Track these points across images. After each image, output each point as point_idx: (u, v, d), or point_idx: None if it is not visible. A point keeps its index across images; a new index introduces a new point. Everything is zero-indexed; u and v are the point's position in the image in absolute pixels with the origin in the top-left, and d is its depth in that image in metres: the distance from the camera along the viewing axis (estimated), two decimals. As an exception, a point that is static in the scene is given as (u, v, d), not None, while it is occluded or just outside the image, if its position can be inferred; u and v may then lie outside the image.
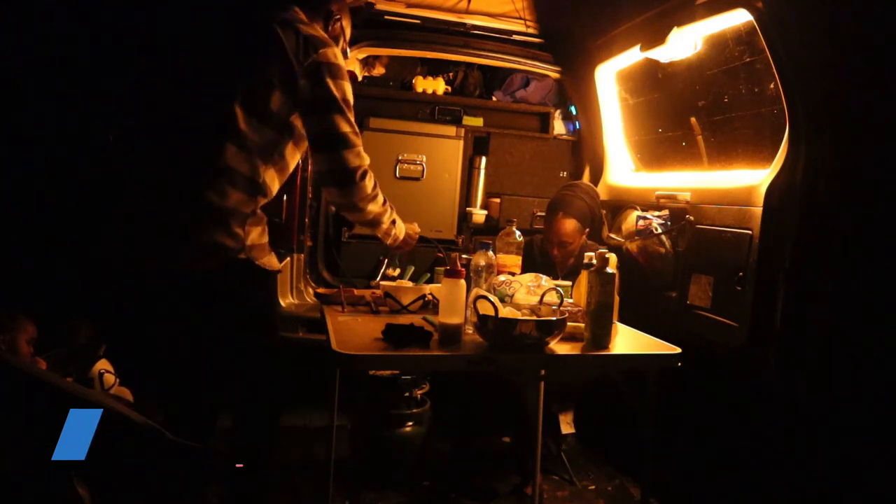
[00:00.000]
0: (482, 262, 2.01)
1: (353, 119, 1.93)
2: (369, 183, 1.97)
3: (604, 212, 3.25)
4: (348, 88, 1.92)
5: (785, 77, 2.08)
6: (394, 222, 2.17)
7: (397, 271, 2.53)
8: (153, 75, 2.09)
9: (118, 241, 1.90)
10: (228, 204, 1.80)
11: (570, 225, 2.75)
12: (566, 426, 3.15)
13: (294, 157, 1.97)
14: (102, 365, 2.63)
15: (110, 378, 2.60)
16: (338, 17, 2.09)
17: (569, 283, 2.21)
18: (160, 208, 1.83)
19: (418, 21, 3.39)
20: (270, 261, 1.93)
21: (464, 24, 3.43)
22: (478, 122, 3.72)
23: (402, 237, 2.24)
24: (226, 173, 1.80)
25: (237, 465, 1.90)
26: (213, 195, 1.78)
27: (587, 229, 2.82)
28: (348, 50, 2.20)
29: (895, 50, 1.94)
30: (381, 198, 2.06)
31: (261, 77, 1.83)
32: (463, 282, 1.82)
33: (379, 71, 3.73)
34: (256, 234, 1.88)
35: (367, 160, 1.97)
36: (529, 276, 2.11)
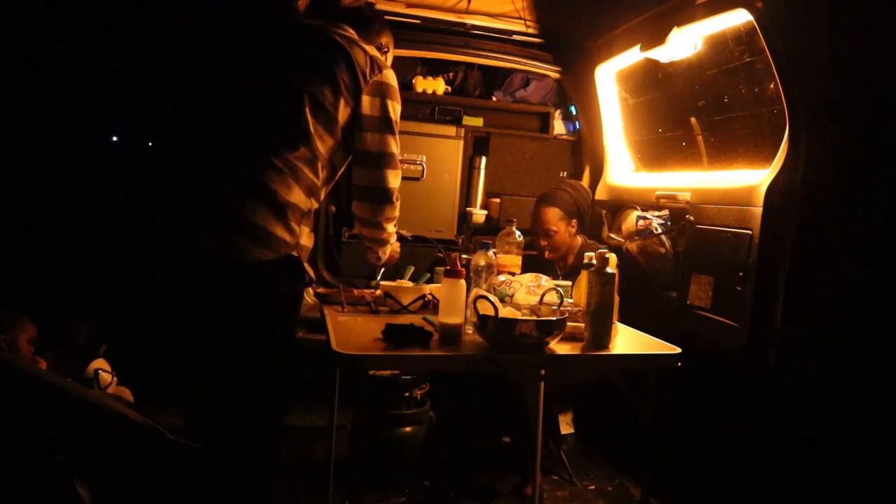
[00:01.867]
0: (482, 262, 2.01)
1: (398, 142, 2.03)
2: (398, 205, 2.09)
3: (604, 212, 3.25)
4: (399, 112, 2.03)
5: (785, 77, 2.08)
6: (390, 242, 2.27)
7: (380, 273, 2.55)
8: (225, 82, 2.13)
9: (186, 230, 1.93)
10: (292, 199, 1.85)
11: (550, 213, 2.82)
12: (565, 426, 3.15)
13: (340, 167, 2.06)
14: (98, 364, 2.62)
15: (106, 377, 2.60)
16: (386, 50, 2.21)
17: (569, 283, 2.21)
18: (227, 198, 1.85)
19: (418, 21, 3.38)
20: (309, 268, 1.98)
21: (464, 24, 3.43)
22: (478, 122, 3.72)
23: (386, 256, 2.33)
24: (293, 170, 1.86)
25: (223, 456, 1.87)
26: (281, 188, 1.84)
27: (574, 220, 2.84)
28: None
29: (895, 50, 1.94)
30: (396, 222, 2.16)
31: (332, 86, 1.90)
32: (463, 282, 1.82)
33: (379, 71, 3.73)
34: (307, 236, 1.93)
35: (399, 183, 2.07)
36: (529, 276, 2.11)
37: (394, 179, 2.04)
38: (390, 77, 2.01)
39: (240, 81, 2.04)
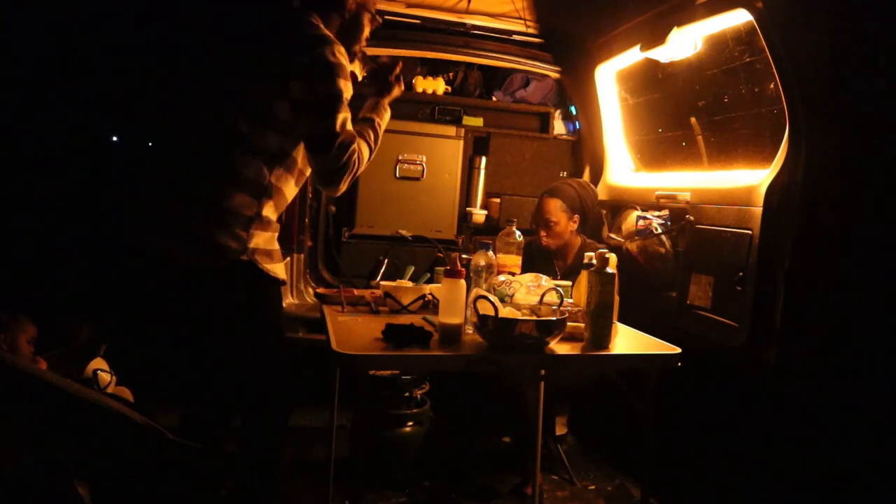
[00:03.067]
0: (482, 262, 2.00)
1: (345, 115, 1.87)
2: (339, 152, 1.86)
3: (604, 212, 3.25)
4: (345, 86, 1.85)
5: (785, 77, 2.08)
6: (377, 134, 2.07)
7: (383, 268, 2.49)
8: (167, 81, 2.14)
9: (130, 240, 1.94)
10: (230, 205, 1.81)
11: (552, 203, 2.82)
12: (560, 427, 3.16)
13: (299, 158, 1.96)
14: (97, 364, 2.62)
15: (105, 377, 2.59)
16: (355, 9, 2.02)
17: (569, 283, 2.21)
18: (169, 208, 1.87)
19: (418, 21, 3.38)
20: (274, 269, 1.91)
21: (464, 24, 3.43)
22: (478, 122, 3.72)
23: (387, 119, 2.14)
24: (228, 175, 1.82)
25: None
26: (217, 196, 1.81)
27: (576, 216, 2.83)
28: (358, 54, 2.14)
29: (895, 50, 1.94)
30: (362, 144, 1.95)
31: (260, 80, 1.84)
32: (463, 282, 1.82)
33: (379, 71, 3.73)
34: (263, 240, 1.89)
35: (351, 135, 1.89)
36: (529, 276, 2.11)
37: (342, 153, 1.86)
38: (327, 52, 1.81)
39: (192, 83, 2.05)
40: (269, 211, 1.90)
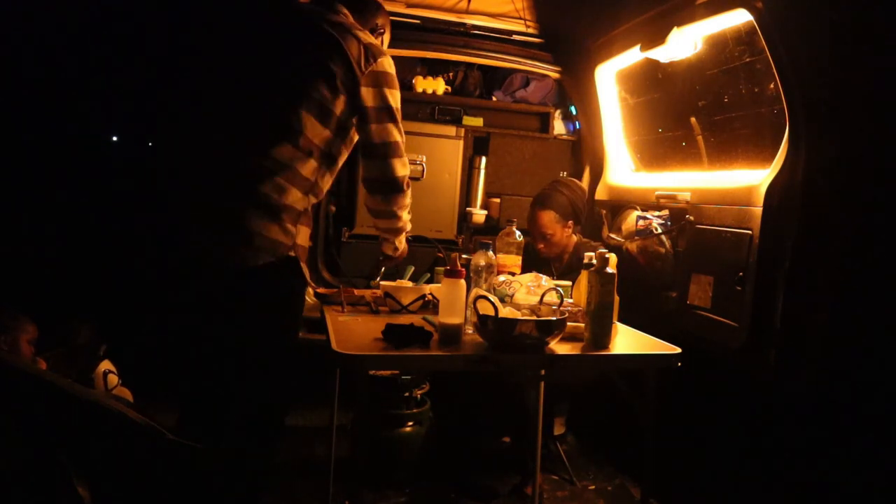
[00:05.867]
0: (482, 262, 2.00)
1: (402, 129, 2.00)
2: (409, 192, 2.06)
3: (604, 212, 3.25)
4: (399, 98, 1.99)
5: (785, 77, 2.08)
6: (404, 238, 2.24)
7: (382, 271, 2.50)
8: (216, 78, 2.11)
9: (177, 237, 1.92)
10: (286, 200, 1.83)
11: (545, 216, 2.81)
12: (560, 427, 3.16)
13: (343, 157, 2.02)
14: (106, 365, 2.63)
15: (114, 378, 2.61)
16: (382, 31, 2.16)
17: (569, 283, 2.21)
18: (221, 203, 1.84)
19: (418, 21, 3.38)
20: (306, 269, 1.94)
21: (464, 24, 3.43)
22: (478, 122, 3.72)
23: (402, 247, 2.29)
24: (287, 171, 1.83)
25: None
26: (274, 190, 1.81)
27: (570, 221, 2.83)
28: None
29: (895, 49, 1.94)
30: (409, 209, 2.12)
31: (326, 81, 1.86)
32: (463, 282, 1.82)
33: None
34: (304, 236, 1.91)
35: (409, 170, 2.05)
36: (529, 276, 2.11)
37: (401, 168, 2.00)
38: (387, 64, 1.95)
39: (232, 79, 2.00)
40: (310, 206, 1.94)
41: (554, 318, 1.78)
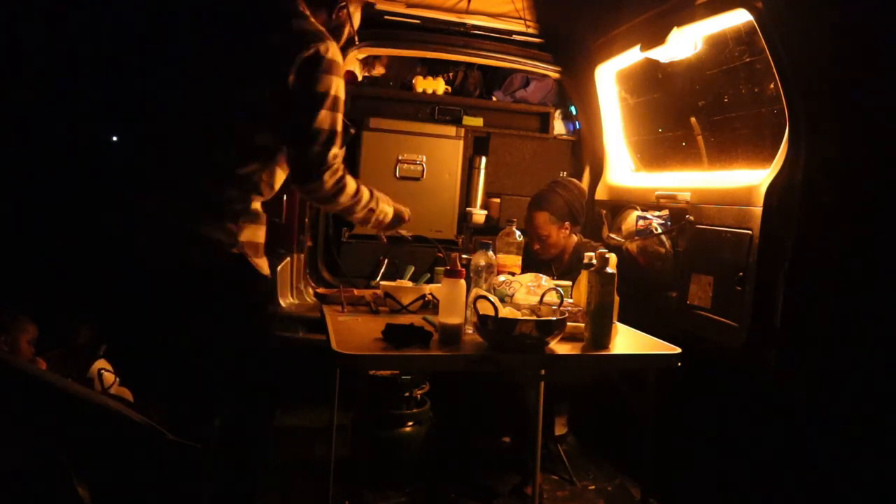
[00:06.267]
0: (482, 262, 2.00)
1: (338, 117, 1.87)
2: (330, 179, 1.87)
3: (604, 212, 3.25)
4: (339, 85, 1.85)
5: (785, 77, 2.08)
6: (371, 210, 2.07)
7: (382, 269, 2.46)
8: (158, 74, 2.11)
9: (121, 238, 1.93)
10: (224, 199, 1.81)
11: (540, 217, 2.81)
12: (560, 427, 3.16)
13: (283, 152, 1.92)
14: (101, 364, 2.63)
15: (109, 377, 2.60)
16: (343, 3, 2.01)
17: (569, 283, 2.21)
18: (159, 203, 1.85)
19: (418, 21, 3.39)
20: (261, 263, 1.90)
21: (464, 24, 3.43)
22: (478, 122, 3.72)
23: (388, 219, 2.14)
24: (220, 170, 1.81)
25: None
26: (211, 189, 1.80)
27: (566, 222, 2.83)
28: (356, 38, 2.15)
29: (895, 49, 1.94)
30: (349, 189, 1.95)
31: (253, 76, 1.82)
32: (463, 282, 1.82)
33: (379, 71, 3.73)
34: (250, 232, 1.87)
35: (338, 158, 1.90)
36: (529, 276, 2.11)
37: (327, 152, 1.84)
38: (322, 49, 1.81)
39: (179, 77, 1.99)
40: (258, 204, 1.89)
41: (554, 318, 1.78)
